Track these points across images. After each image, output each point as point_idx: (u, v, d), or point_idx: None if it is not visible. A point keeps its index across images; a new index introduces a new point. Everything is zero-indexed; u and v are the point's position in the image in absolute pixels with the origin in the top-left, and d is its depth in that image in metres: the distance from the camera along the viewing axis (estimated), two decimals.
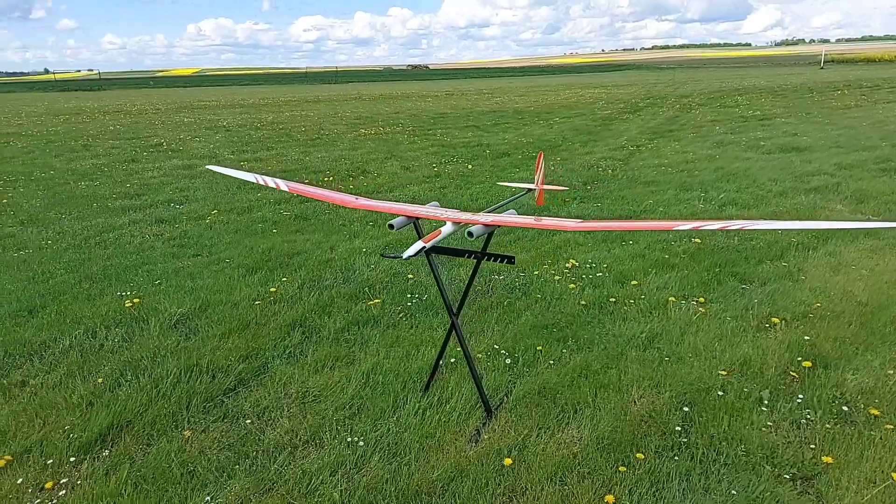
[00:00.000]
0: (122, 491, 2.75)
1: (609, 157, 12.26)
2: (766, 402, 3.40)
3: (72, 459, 3.01)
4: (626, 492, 2.73)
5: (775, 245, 6.13)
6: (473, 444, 3.14)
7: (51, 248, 6.82)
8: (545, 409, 3.39)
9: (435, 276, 3.36)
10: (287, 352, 4.14)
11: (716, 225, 2.59)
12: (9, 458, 3.01)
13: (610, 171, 10.67)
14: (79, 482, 2.85)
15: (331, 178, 10.69)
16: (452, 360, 3.94)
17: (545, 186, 4.36)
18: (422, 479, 2.85)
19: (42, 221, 8.10)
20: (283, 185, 3.78)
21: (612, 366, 3.84)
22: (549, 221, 2.98)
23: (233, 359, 4.02)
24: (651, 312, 4.63)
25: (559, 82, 60.88)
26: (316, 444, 3.13)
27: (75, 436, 3.19)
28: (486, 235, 3.23)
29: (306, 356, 4.07)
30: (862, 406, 3.36)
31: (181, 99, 44.33)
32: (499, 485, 2.81)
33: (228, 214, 8.19)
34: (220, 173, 4.42)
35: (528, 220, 3.04)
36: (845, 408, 3.32)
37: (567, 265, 5.66)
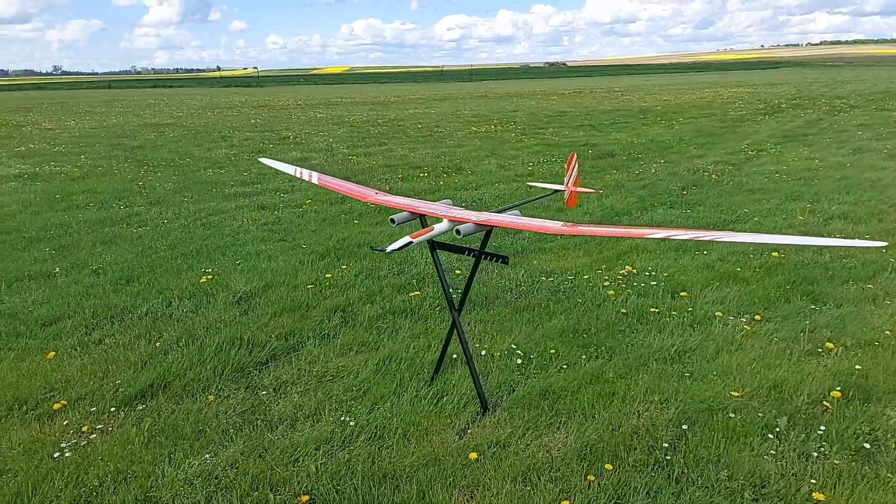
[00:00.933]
0: (137, 441, 3.16)
1: (721, 162, 11.54)
2: (778, 429, 3.17)
3: (112, 410, 3.49)
4: (586, 500, 2.70)
5: (872, 264, 5.54)
6: (459, 437, 3.23)
7: (164, 226, 7.70)
8: (540, 412, 3.39)
9: (438, 271, 3.48)
10: (323, 333, 4.44)
11: (686, 235, 2.49)
12: (64, 402, 3.54)
13: (715, 177, 10.06)
14: (110, 429, 3.30)
15: (426, 174, 11.03)
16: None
17: (577, 189, 4.30)
18: (395, 463, 2.99)
19: (167, 203, 9.13)
20: (316, 178, 4.06)
21: (626, 376, 3.74)
22: (534, 223, 2.99)
23: (273, 336, 4.38)
24: (693, 326, 4.41)
25: (702, 80, 57.47)
26: (313, 420, 3.37)
27: (122, 390, 3.67)
28: (485, 234, 3.31)
29: (338, 339, 4.35)
30: (892, 445, 3.03)
31: (323, 95, 47.17)
32: (464, 477, 2.89)
33: (322, 204, 8.76)
34: (283, 166, 4.81)
35: (518, 221, 3.07)
36: (867, 445, 3.01)
37: (622, 271, 5.50)
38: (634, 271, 5.53)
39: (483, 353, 4.07)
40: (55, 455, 3.05)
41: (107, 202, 9.21)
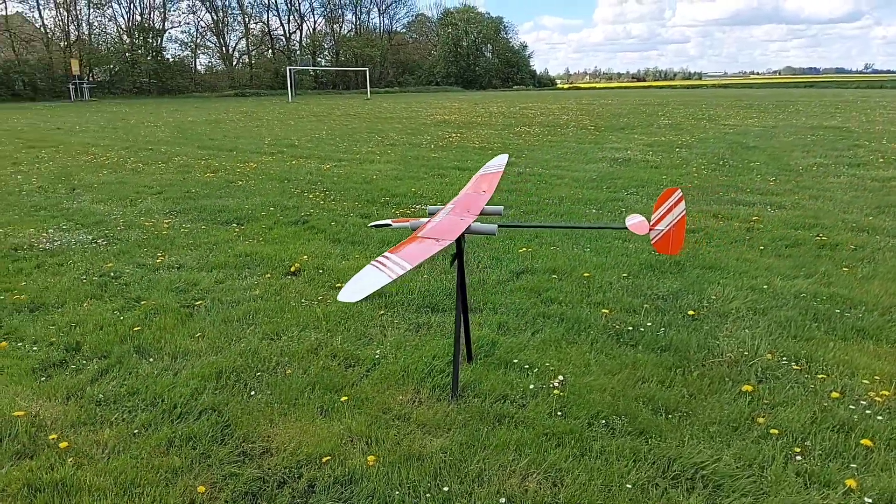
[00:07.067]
0: (286, 303, 5.10)
1: None
2: None
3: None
4: (342, 455, 3.10)
5: None
6: (413, 405, 3.76)
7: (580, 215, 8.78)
8: (467, 423, 3.49)
9: (459, 262, 3.87)
10: (493, 307, 5.15)
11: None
12: (298, 265, 5.79)
13: None
14: (279, 290, 5.35)
15: None
16: (519, 363, 4.09)
17: (661, 228, 3.37)
18: (337, 387, 3.91)
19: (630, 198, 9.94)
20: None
21: (588, 453, 3.17)
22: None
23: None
24: (798, 477, 2.91)
25: None
26: (363, 342, 4.49)
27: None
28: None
29: (496, 314, 4.99)
30: None
31: None
32: (329, 408, 3.61)
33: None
34: None
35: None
36: None
37: (870, 382, 3.56)
38: None
39: (536, 369, 4.03)
40: (245, 299, 5.36)
41: (617, 188, 10.71)
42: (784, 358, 4.14)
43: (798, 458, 3.09)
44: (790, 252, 6.69)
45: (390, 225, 3.93)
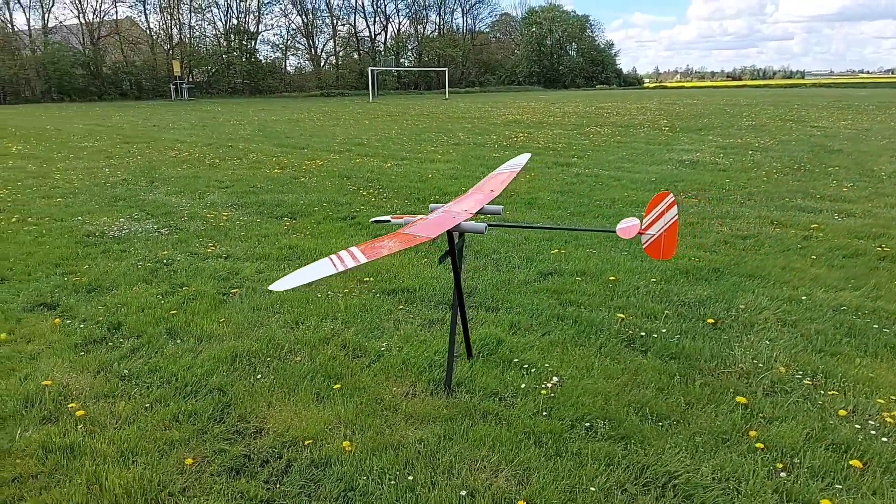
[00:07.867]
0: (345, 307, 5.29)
1: None
2: None
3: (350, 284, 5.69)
4: (321, 435, 3.22)
5: None
6: (405, 397, 3.87)
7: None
8: (449, 417, 3.55)
9: (453, 258, 3.93)
10: (515, 307, 5.14)
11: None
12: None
13: None
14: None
15: None
16: (519, 363, 4.09)
17: (652, 232, 3.25)
18: (337, 374, 4.07)
19: (720, 201, 9.57)
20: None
21: (559, 459, 3.15)
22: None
23: (497, 296, 5.41)
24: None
25: None
26: (376, 335, 4.62)
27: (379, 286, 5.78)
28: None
29: (521, 313, 5.00)
30: None
31: None
32: (323, 395, 3.75)
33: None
34: None
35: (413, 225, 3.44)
36: None
37: (883, 400, 3.31)
38: None
39: (534, 370, 4.02)
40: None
41: (676, 191, 10.38)
42: (799, 372, 3.94)
43: (782, 474, 2.96)
44: (844, 263, 6.29)
45: (389, 221, 4.04)
